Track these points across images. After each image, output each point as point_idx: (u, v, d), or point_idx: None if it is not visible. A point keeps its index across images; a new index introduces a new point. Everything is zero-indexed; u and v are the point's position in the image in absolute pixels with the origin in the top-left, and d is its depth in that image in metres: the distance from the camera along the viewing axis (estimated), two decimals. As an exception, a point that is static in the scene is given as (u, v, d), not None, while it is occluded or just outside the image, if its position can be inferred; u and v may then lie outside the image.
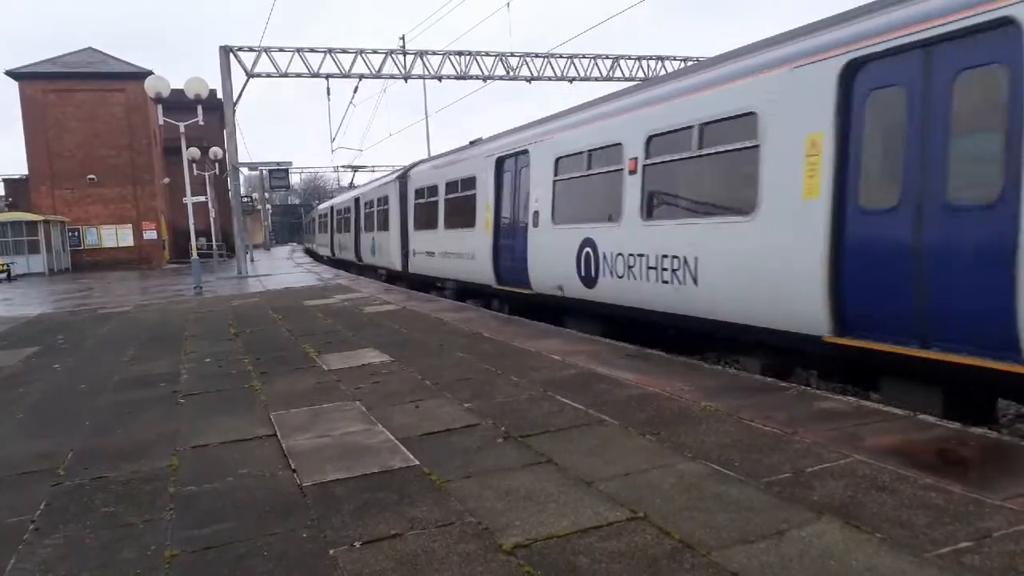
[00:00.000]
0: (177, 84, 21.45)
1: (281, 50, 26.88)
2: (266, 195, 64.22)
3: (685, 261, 7.97)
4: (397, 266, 19.92)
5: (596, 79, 30.39)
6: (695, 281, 7.82)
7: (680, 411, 5.39)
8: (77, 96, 38.61)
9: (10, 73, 37.68)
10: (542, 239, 11.23)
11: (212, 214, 40.51)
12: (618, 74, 30.49)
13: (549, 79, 30.15)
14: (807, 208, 6.36)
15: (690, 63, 27.16)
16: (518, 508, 3.76)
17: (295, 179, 77.77)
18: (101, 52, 41.09)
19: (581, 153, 10.20)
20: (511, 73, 29.70)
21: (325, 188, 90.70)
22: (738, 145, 7.27)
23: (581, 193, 10.39)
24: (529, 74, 29.87)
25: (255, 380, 7.39)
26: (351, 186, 49.60)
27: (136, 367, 8.59)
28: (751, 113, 7.07)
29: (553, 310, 11.38)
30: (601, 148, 9.73)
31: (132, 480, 4.54)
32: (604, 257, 9.49)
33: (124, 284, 26.40)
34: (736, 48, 8.10)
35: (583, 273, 9.99)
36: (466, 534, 3.49)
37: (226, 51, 26.01)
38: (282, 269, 30.69)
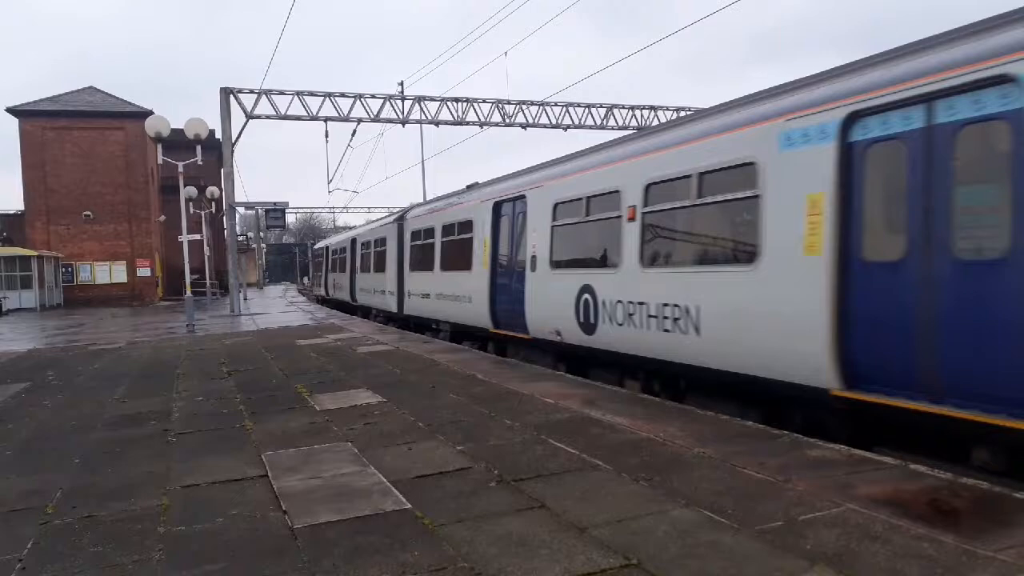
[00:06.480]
0: (176, 124, 21.71)
1: (281, 93, 27.19)
2: (261, 234, 64.55)
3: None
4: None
5: (590, 127, 30.93)
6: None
7: (673, 457, 5.40)
8: (76, 134, 38.97)
9: (11, 110, 38.05)
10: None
11: (207, 252, 40.55)
12: (612, 123, 31.01)
13: (544, 126, 30.65)
14: None
15: (684, 113, 27.66)
16: (511, 553, 3.74)
17: (290, 218, 78.12)
18: (102, 91, 41.60)
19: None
20: (507, 120, 30.17)
21: (320, 228, 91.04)
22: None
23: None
24: (525, 121, 30.34)
25: (247, 420, 7.35)
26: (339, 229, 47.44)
27: (127, 405, 8.53)
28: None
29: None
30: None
31: (121, 519, 4.50)
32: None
33: (116, 321, 26.29)
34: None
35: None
36: (459, 579, 3.47)
37: (227, 93, 26.35)
38: (275, 308, 30.63)
